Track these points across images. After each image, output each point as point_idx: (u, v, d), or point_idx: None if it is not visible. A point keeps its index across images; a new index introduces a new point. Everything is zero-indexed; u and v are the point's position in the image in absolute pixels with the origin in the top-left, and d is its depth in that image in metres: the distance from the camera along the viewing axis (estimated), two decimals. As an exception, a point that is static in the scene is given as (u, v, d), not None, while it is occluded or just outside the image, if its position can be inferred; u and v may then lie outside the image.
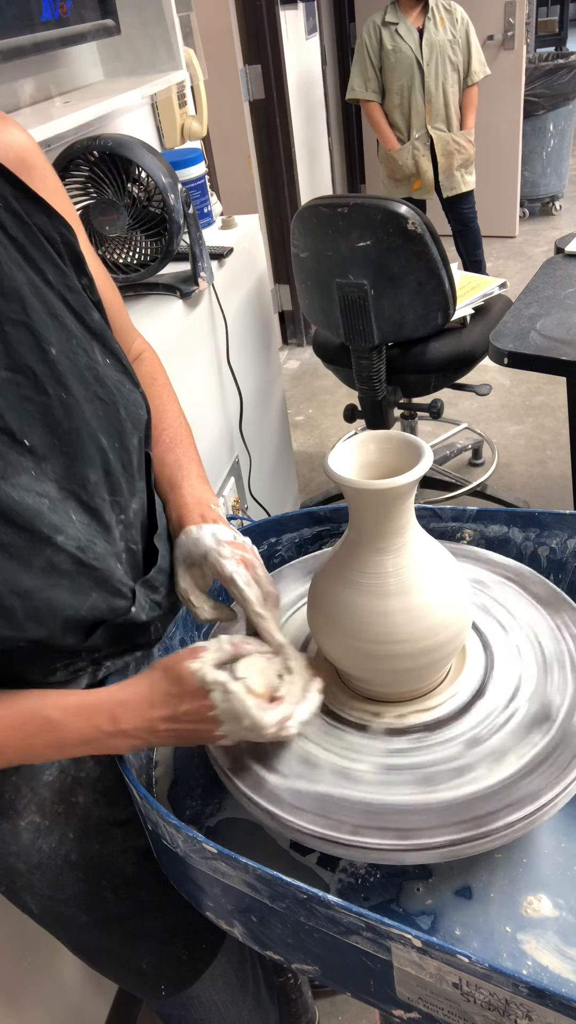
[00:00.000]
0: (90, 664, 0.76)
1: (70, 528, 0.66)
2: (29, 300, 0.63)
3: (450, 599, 0.68)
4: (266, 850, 0.72)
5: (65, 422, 0.65)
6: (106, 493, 0.71)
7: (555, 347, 1.52)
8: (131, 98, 1.56)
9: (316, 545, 1.00)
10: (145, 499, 0.79)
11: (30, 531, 0.62)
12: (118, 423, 0.71)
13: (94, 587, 0.69)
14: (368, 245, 1.87)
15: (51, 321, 0.65)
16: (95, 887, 0.81)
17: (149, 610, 0.77)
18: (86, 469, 0.67)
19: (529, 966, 0.59)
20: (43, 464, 0.64)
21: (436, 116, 3.38)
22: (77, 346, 0.68)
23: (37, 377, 0.63)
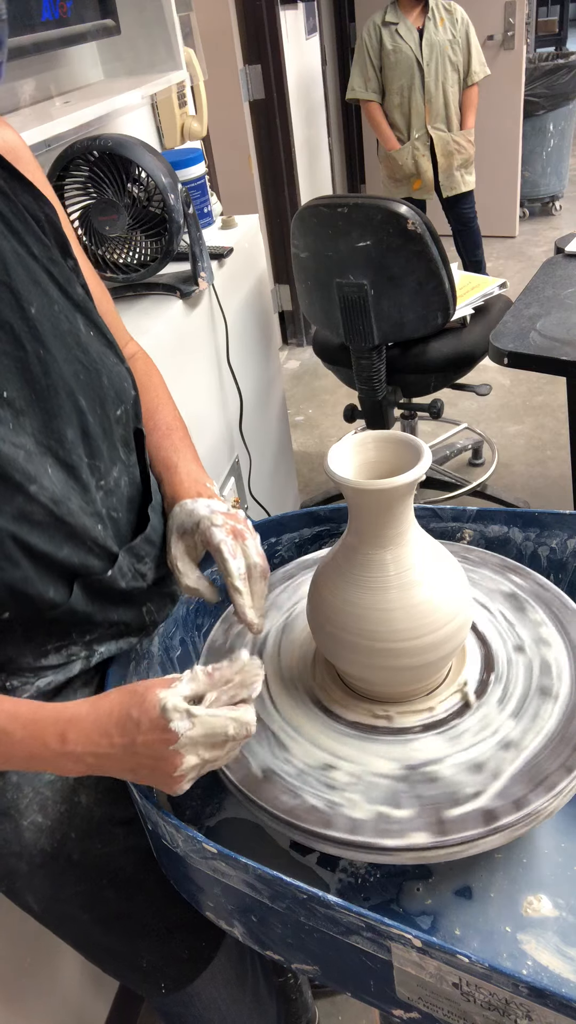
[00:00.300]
0: (83, 648, 0.76)
1: (44, 480, 0.66)
2: (11, 264, 0.65)
3: (450, 597, 0.68)
4: (266, 850, 0.72)
5: (43, 378, 0.66)
6: (84, 453, 0.71)
7: (555, 347, 1.52)
8: (131, 98, 1.56)
9: (316, 545, 1.00)
10: (137, 473, 0.80)
11: (2, 477, 0.63)
12: (100, 389, 0.72)
13: (66, 540, 0.69)
14: (368, 245, 1.87)
15: (33, 287, 0.67)
16: (96, 886, 0.81)
17: (132, 579, 0.77)
18: (63, 426, 0.68)
19: (529, 966, 0.59)
20: (20, 418, 0.65)
21: (436, 116, 3.38)
22: (59, 312, 0.69)
23: (15, 333, 0.64)
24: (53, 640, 0.74)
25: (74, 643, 0.75)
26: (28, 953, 1.14)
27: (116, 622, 0.78)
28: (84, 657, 0.76)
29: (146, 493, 0.82)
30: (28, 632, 0.72)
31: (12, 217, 0.67)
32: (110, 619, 0.77)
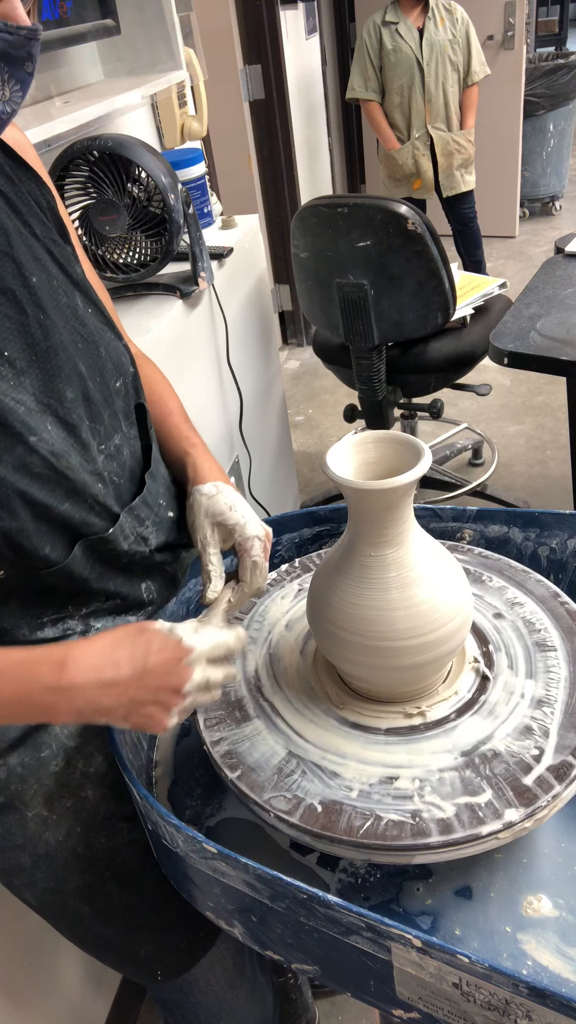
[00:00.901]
0: (79, 622, 0.76)
1: (45, 434, 0.68)
2: (15, 239, 0.68)
3: (450, 596, 0.68)
4: (266, 850, 0.72)
5: (43, 341, 0.68)
6: (84, 415, 0.72)
7: (555, 347, 1.52)
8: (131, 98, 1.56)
9: (316, 545, 1.00)
10: (138, 446, 0.82)
11: (3, 425, 0.64)
12: (98, 360, 0.75)
13: (67, 496, 0.70)
14: (368, 245, 1.87)
15: (34, 263, 0.69)
16: (99, 879, 0.81)
17: (134, 541, 0.78)
18: (63, 386, 0.70)
19: (529, 966, 0.59)
20: (21, 377, 0.67)
21: (436, 116, 3.38)
22: (58, 287, 0.72)
23: (17, 298, 0.67)
24: (49, 612, 0.74)
25: (70, 616, 0.76)
26: (28, 953, 1.14)
27: (113, 593, 0.78)
28: (80, 632, 0.77)
29: (146, 465, 0.84)
30: (24, 600, 0.72)
31: (16, 199, 0.70)
32: (107, 589, 0.77)
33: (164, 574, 0.85)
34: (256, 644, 0.82)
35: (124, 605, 0.80)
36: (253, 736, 0.71)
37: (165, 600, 0.86)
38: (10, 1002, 1.11)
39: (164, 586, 0.85)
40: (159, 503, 0.83)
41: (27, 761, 0.76)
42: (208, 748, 0.71)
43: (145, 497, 0.80)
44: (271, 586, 0.89)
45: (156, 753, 0.83)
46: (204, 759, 0.80)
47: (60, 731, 0.77)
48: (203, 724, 0.73)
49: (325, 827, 0.62)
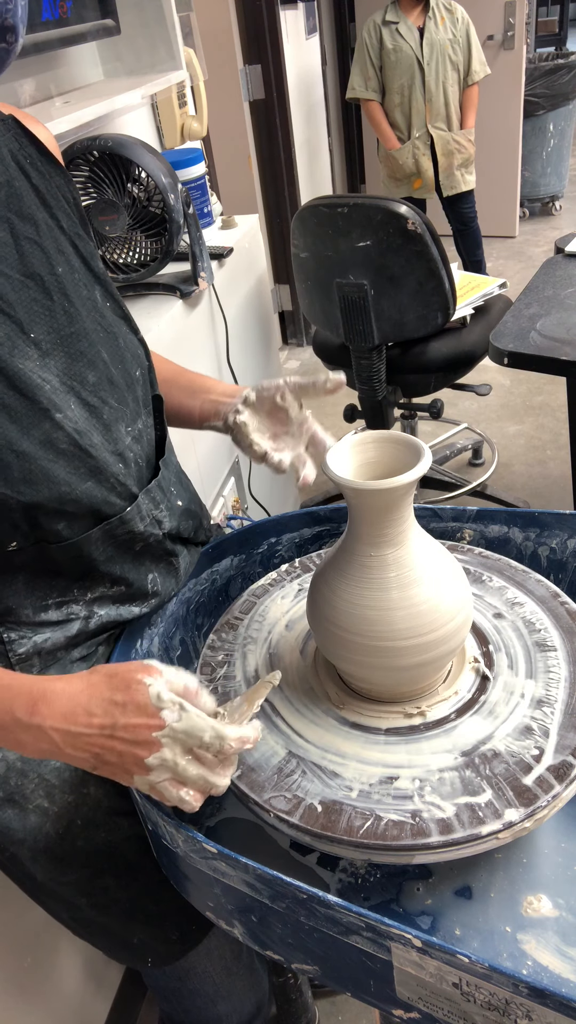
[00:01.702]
0: (83, 607, 0.77)
1: (69, 412, 0.70)
2: (43, 229, 0.71)
3: (450, 596, 0.68)
4: (266, 850, 0.72)
5: (67, 327, 0.71)
6: (108, 396, 0.75)
7: (555, 347, 1.52)
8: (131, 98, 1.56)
9: (316, 545, 1.00)
10: (153, 435, 0.84)
11: (30, 399, 0.67)
12: (118, 349, 0.77)
13: (90, 475, 0.72)
14: (368, 245, 1.87)
15: (59, 255, 0.73)
16: (97, 873, 0.82)
17: (149, 523, 0.80)
18: (85, 370, 0.73)
19: (529, 966, 0.59)
20: (46, 359, 0.70)
21: (436, 115, 3.38)
22: (80, 280, 0.74)
23: (45, 285, 0.70)
24: (54, 594, 0.75)
25: (75, 600, 0.77)
26: (28, 952, 1.14)
27: (119, 578, 0.79)
28: (83, 618, 0.77)
29: (160, 453, 0.85)
30: (30, 579, 0.73)
31: (47, 193, 0.73)
32: (113, 573, 0.78)
33: (170, 567, 0.86)
34: (256, 644, 0.82)
35: (128, 593, 0.80)
36: (253, 736, 0.71)
37: (168, 593, 0.86)
38: (11, 1001, 1.11)
39: (167, 579, 0.86)
40: (171, 490, 0.85)
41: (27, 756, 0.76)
42: (208, 748, 0.71)
43: (160, 482, 0.82)
44: (271, 586, 0.89)
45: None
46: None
47: None
48: (203, 724, 0.73)
49: (325, 827, 0.62)
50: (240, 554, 0.97)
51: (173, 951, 0.91)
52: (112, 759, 0.60)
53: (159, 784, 0.60)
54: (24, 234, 0.70)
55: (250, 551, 0.98)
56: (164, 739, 0.59)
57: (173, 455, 0.90)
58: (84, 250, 0.76)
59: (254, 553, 0.98)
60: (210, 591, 0.95)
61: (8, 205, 0.69)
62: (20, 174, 0.71)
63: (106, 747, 0.60)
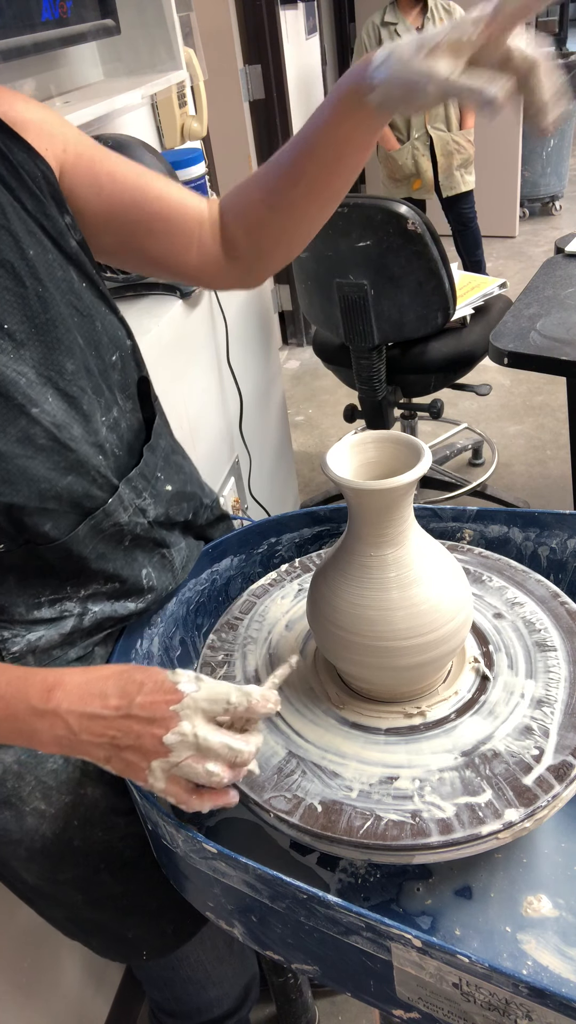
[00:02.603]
0: (77, 604, 0.76)
1: (46, 405, 0.68)
2: (9, 212, 0.67)
3: (450, 596, 0.68)
4: (266, 850, 0.72)
5: (42, 314, 0.68)
6: (86, 385, 0.72)
7: (555, 347, 1.52)
8: (131, 98, 1.56)
9: (316, 545, 1.00)
10: (136, 420, 0.81)
11: (4, 396, 0.64)
12: (94, 334, 0.74)
13: (70, 470, 0.70)
14: (368, 245, 1.87)
15: (29, 237, 0.69)
16: (94, 871, 0.81)
17: (133, 513, 0.78)
18: (63, 358, 0.70)
19: (529, 966, 0.59)
20: (21, 350, 0.67)
21: (436, 116, 3.38)
22: (53, 261, 0.71)
23: (16, 271, 0.66)
24: (47, 591, 0.74)
25: (68, 598, 0.76)
26: (29, 952, 1.14)
27: (112, 575, 0.78)
28: (77, 615, 0.76)
29: (146, 439, 0.82)
30: (22, 578, 0.72)
31: (6, 174, 0.69)
32: (106, 570, 0.77)
33: (163, 560, 0.85)
34: (256, 644, 0.82)
35: (123, 589, 0.80)
36: (253, 736, 0.71)
37: (164, 588, 0.85)
38: (11, 1001, 1.11)
39: (162, 573, 0.85)
40: (156, 475, 0.82)
41: (24, 759, 0.76)
42: (208, 748, 0.71)
43: (142, 469, 0.80)
44: (271, 586, 0.89)
45: (156, 753, 0.83)
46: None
47: None
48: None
49: (325, 827, 0.62)
50: (240, 554, 0.97)
51: (168, 944, 0.91)
52: (129, 741, 0.58)
53: (182, 764, 0.57)
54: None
55: (250, 551, 0.98)
56: (183, 711, 0.57)
57: (163, 438, 0.86)
58: (53, 231, 0.72)
59: (254, 553, 0.98)
60: (210, 591, 0.95)
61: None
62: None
63: (122, 729, 0.58)
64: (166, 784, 0.59)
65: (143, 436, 0.82)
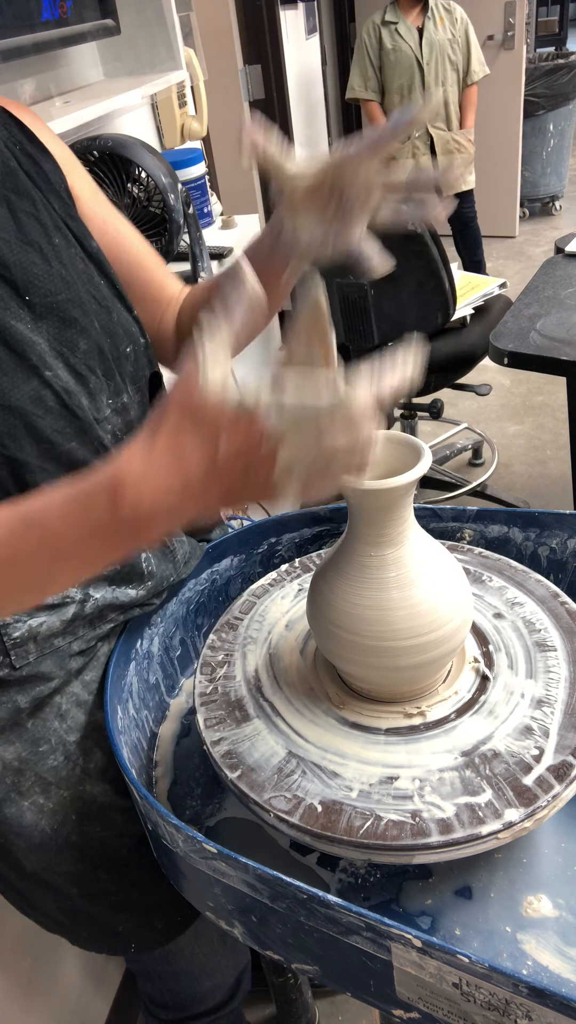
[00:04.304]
0: (79, 589, 0.77)
1: (59, 371, 0.71)
2: (39, 204, 0.73)
3: (450, 597, 0.68)
4: (266, 850, 0.72)
5: (63, 291, 0.72)
6: (96, 365, 0.75)
7: (555, 347, 1.52)
8: (131, 98, 1.56)
9: (316, 545, 1.00)
10: (145, 413, 0.82)
11: (19, 355, 0.67)
12: (110, 323, 0.77)
13: (75, 435, 0.72)
14: (368, 245, 1.87)
15: (55, 230, 0.74)
16: (90, 867, 0.82)
17: None
18: (78, 336, 0.73)
19: (529, 966, 0.59)
20: (39, 323, 0.70)
21: (436, 115, 3.39)
22: (76, 255, 0.75)
23: (43, 251, 0.72)
24: None
25: None
26: (28, 953, 1.14)
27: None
28: (79, 601, 0.77)
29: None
30: None
31: (37, 177, 0.75)
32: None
33: (166, 549, 0.85)
34: (256, 644, 0.82)
35: (123, 573, 0.80)
36: (253, 736, 0.71)
37: (164, 578, 0.84)
38: (11, 1002, 1.11)
39: (163, 563, 0.85)
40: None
41: (24, 755, 0.76)
42: (208, 748, 0.71)
43: None
44: (271, 586, 0.89)
45: (156, 753, 0.83)
46: (204, 759, 0.80)
47: (59, 726, 0.77)
48: (203, 724, 0.73)
49: (325, 827, 0.62)
50: (240, 554, 0.97)
51: (157, 939, 0.91)
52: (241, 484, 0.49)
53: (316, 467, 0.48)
54: (22, 208, 0.71)
55: (250, 551, 0.98)
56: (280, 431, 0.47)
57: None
58: (77, 230, 0.77)
59: (254, 553, 0.98)
60: (210, 591, 0.96)
61: (4, 183, 0.70)
62: (12, 158, 0.73)
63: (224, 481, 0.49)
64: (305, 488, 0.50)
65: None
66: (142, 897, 0.86)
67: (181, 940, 0.93)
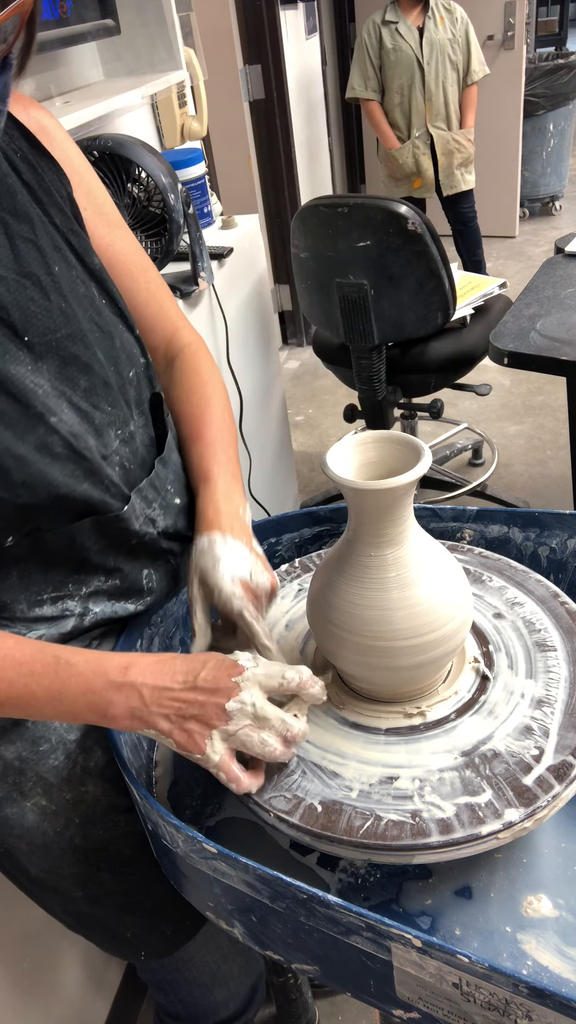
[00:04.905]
0: (78, 603, 0.77)
1: (63, 415, 0.70)
2: (38, 226, 0.70)
3: (450, 597, 0.68)
4: (266, 850, 0.72)
5: (63, 327, 0.70)
6: (100, 400, 0.74)
7: (555, 347, 1.52)
8: (131, 98, 1.56)
9: (316, 545, 1.00)
10: (149, 436, 0.82)
11: (24, 404, 0.66)
12: (113, 349, 0.76)
13: (86, 477, 0.72)
14: (368, 245, 1.87)
15: (55, 252, 0.72)
16: (94, 868, 0.82)
17: (144, 522, 0.78)
18: (79, 374, 0.71)
19: (529, 966, 0.59)
20: (39, 363, 0.69)
21: (436, 115, 3.39)
22: (76, 278, 0.73)
23: (42, 285, 0.69)
24: (49, 588, 0.74)
25: (70, 596, 0.76)
26: (29, 953, 1.14)
27: (113, 569, 0.78)
28: (78, 615, 0.77)
29: (159, 452, 0.83)
30: (25, 574, 0.72)
31: (38, 189, 0.72)
32: (107, 564, 0.77)
33: (167, 565, 0.85)
34: None
35: (123, 588, 0.80)
36: (253, 736, 0.71)
37: (164, 592, 0.85)
38: (11, 1002, 1.11)
39: (165, 577, 0.85)
40: (167, 488, 0.83)
41: (24, 755, 0.76)
42: (208, 748, 0.71)
43: (153, 480, 0.80)
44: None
45: (156, 753, 0.83)
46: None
47: (59, 725, 0.78)
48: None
49: (325, 827, 0.62)
50: (240, 554, 0.97)
51: (167, 946, 0.91)
52: (193, 711, 0.64)
53: (239, 732, 0.63)
54: (19, 233, 0.68)
55: (250, 551, 0.98)
56: (244, 682, 0.64)
57: (175, 453, 0.87)
58: (79, 247, 0.74)
59: (254, 553, 0.98)
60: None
61: (1, 204, 0.68)
62: (11, 171, 0.70)
63: (188, 700, 0.64)
64: (221, 756, 0.63)
65: (154, 451, 0.83)
66: (147, 899, 0.86)
67: (190, 947, 0.92)
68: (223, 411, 0.88)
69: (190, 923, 0.90)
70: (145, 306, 0.87)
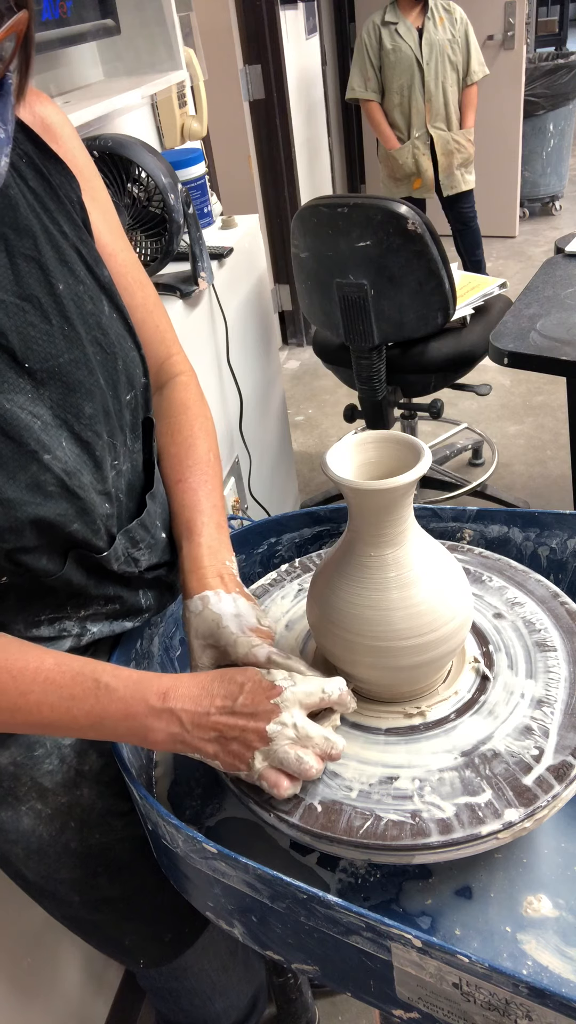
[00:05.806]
0: (76, 624, 0.76)
1: (59, 451, 0.67)
2: (41, 241, 0.66)
3: (450, 597, 0.68)
4: (266, 850, 0.72)
5: (66, 353, 0.67)
6: (101, 430, 0.71)
7: (555, 347, 1.52)
8: (131, 98, 1.56)
9: (316, 545, 1.00)
10: (139, 461, 0.80)
11: (17, 442, 0.63)
12: (114, 373, 0.73)
13: (77, 517, 0.69)
14: (368, 245, 1.87)
15: (61, 266, 0.68)
16: (91, 874, 0.81)
17: (124, 562, 0.76)
18: (81, 401, 0.69)
19: (529, 966, 0.59)
20: (40, 390, 0.66)
21: (436, 115, 3.39)
22: (84, 293, 0.70)
23: (43, 307, 0.66)
24: (47, 611, 0.73)
25: (68, 617, 0.75)
26: (28, 953, 1.14)
27: (112, 597, 0.77)
28: (76, 635, 0.76)
29: (148, 481, 0.81)
30: (22, 599, 0.71)
31: (45, 195, 0.68)
32: (106, 594, 0.76)
33: (161, 584, 0.84)
34: None
35: (122, 610, 0.79)
36: (253, 736, 0.71)
37: (162, 606, 0.85)
38: (11, 1002, 1.11)
39: (163, 595, 0.85)
40: (156, 524, 0.81)
41: (19, 760, 0.76)
42: (208, 748, 0.71)
43: (144, 520, 0.78)
44: (271, 586, 0.89)
45: (156, 753, 0.83)
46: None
47: None
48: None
49: (325, 827, 0.62)
50: (240, 554, 0.97)
51: (166, 953, 0.91)
52: (234, 735, 0.63)
53: (279, 751, 0.62)
54: (21, 250, 0.64)
55: (250, 551, 0.98)
56: (283, 703, 0.63)
57: (160, 485, 0.83)
58: (89, 257, 0.71)
59: (254, 553, 0.98)
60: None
61: (2, 219, 0.64)
62: (16, 178, 0.66)
63: (228, 724, 0.63)
64: (264, 770, 0.63)
65: (143, 478, 0.81)
66: (146, 904, 0.86)
67: (189, 956, 0.92)
68: (208, 451, 0.85)
69: (189, 930, 0.90)
70: (142, 324, 0.83)
